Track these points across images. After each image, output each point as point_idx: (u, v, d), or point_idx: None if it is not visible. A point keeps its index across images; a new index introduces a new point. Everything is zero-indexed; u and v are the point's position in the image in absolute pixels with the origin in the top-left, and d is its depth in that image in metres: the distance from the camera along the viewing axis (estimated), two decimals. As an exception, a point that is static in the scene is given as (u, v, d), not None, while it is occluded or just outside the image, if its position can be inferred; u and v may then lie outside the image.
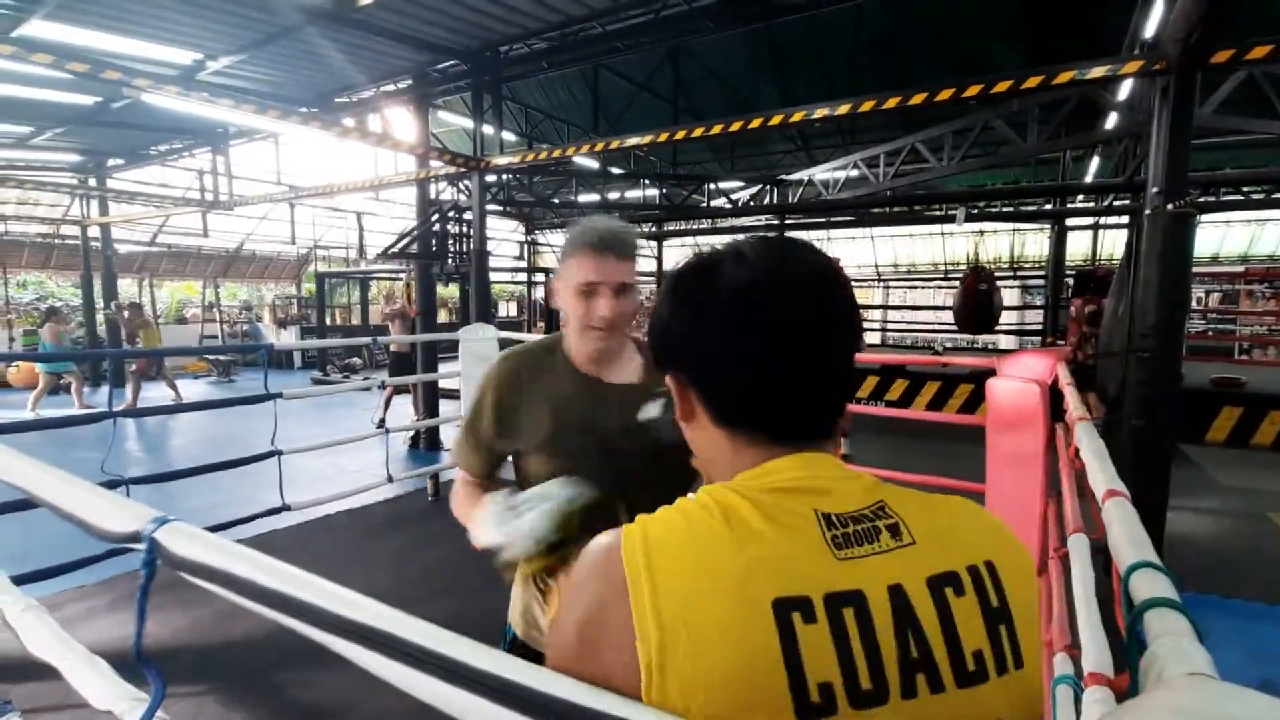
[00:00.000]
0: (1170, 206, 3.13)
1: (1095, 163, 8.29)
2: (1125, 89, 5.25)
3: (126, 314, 10.18)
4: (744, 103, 10.40)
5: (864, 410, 6.27)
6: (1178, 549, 4.11)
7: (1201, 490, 5.45)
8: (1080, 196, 7.97)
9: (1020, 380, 3.08)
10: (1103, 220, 9.31)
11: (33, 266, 13.76)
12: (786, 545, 0.52)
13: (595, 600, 0.54)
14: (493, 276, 16.12)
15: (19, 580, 2.60)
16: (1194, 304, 13.44)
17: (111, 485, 3.25)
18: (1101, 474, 1.14)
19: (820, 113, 4.20)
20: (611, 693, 0.49)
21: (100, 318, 11.72)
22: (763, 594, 0.49)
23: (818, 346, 0.59)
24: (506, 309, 22.00)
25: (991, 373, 3.28)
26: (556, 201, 10.33)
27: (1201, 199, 6.91)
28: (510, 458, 1.32)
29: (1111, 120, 5.69)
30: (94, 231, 11.79)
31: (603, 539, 0.57)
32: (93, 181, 10.76)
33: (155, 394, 10.04)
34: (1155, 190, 3.18)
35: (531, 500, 1.08)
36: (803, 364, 0.58)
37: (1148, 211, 3.25)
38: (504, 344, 4.85)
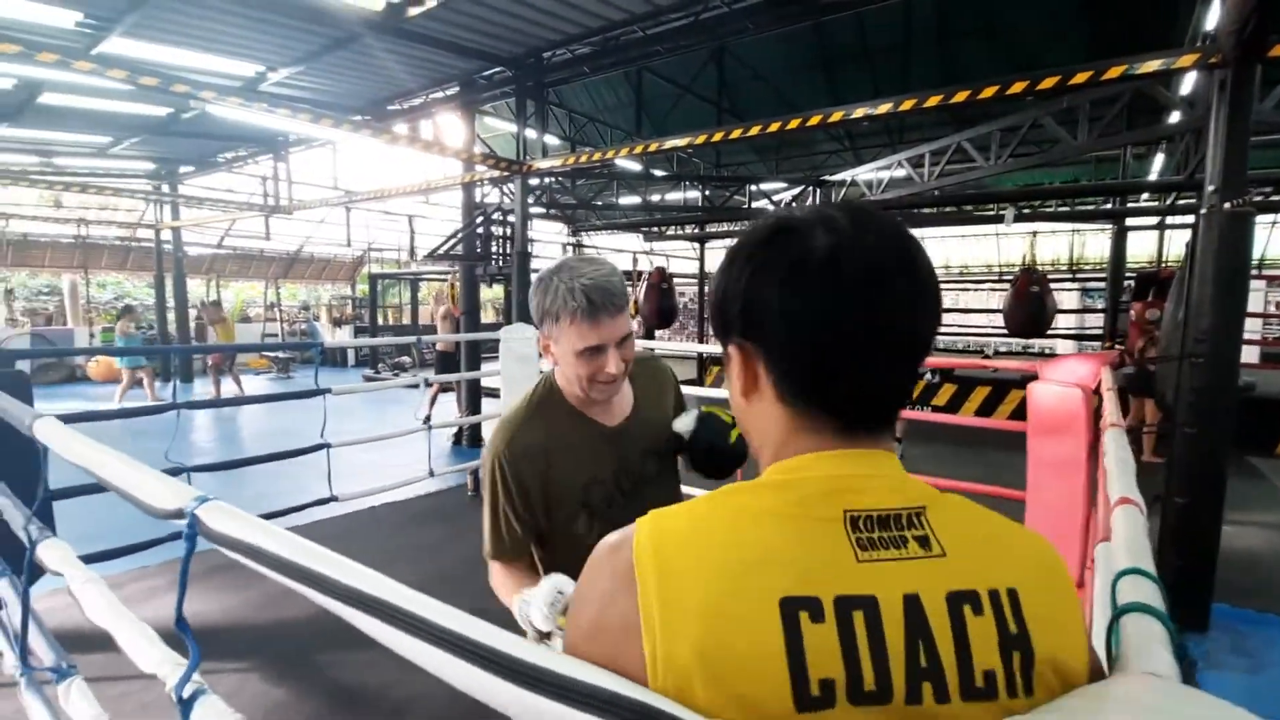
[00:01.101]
0: (1227, 205, 2.99)
1: (1159, 160, 7.89)
2: (1188, 83, 5.00)
3: (206, 311, 10.93)
4: (789, 103, 10.31)
5: (908, 415, 6.15)
6: (1238, 565, 3.89)
7: (1268, 505, 5.15)
8: (1143, 195, 7.61)
9: (1062, 385, 2.99)
10: (1169, 220, 8.86)
11: (111, 268, 14.69)
12: (805, 545, 0.52)
13: (604, 592, 0.55)
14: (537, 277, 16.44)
15: (89, 559, 2.82)
16: (1271, 309, 12.63)
17: (174, 473, 3.48)
18: (1118, 481, 1.12)
19: (860, 112, 4.15)
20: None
21: (172, 316, 12.44)
22: (770, 590, 0.50)
23: (906, 325, 0.57)
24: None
25: (1034, 377, 3.20)
26: (599, 204, 10.44)
27: (1275, 197, 6.51)
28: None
29: (1174, 117, 5.42)
30: (166, 235, 12.51)
31: (614, 535, 0.57)
32: (165, 188, 11.44)
33: (222, 389, 10.61)
34: (1212, 189, 3.03)
35: (532, 602, 1.05)
36: (889, 342, 0.56)
37: (1203, 210, 3.10)
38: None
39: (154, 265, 12.84)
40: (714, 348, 6.66)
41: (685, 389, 1.54)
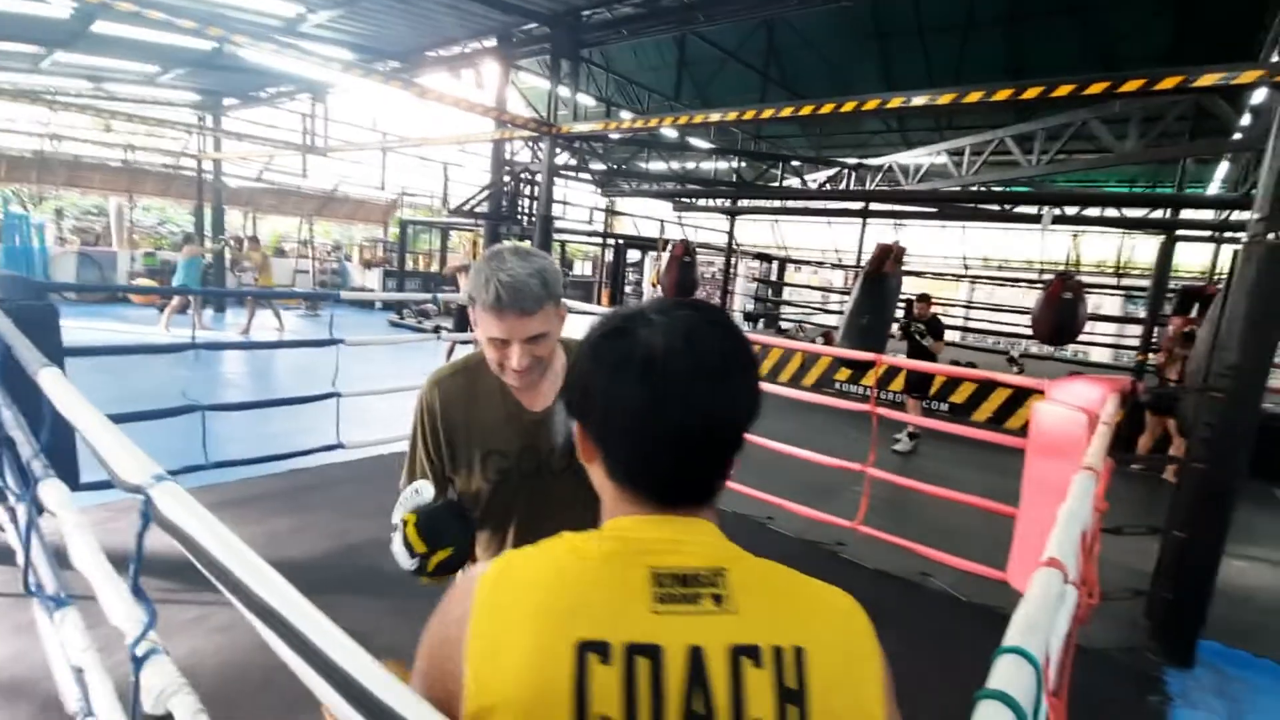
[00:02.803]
0: (1271, 237, 2.84)
1: (1223, 168, 7.45)
2: (1260, 94, 4.68)
3: (245, 245, 11.12)
4: (838, 76, 9.95)
5: (915, 420, 6.07)
6: (1241, 603, 3.81)
7: (1288, 542, 4.98)
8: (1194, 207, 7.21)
9: (1068, 407, 2.92)
10: (1225, 234, 8.43)
11: (155, 193, 15.01)
12: (608, 596, 0.58)
13: (454, 616, 0.61)
14: (570, 237, 16.37)
15: (100, 485, 2.95)
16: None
17: (189, 410, 3.62)
18: (1055, 538, 1.11)
19: (896, 101, 4.00)
20: (437, 702, 0.56)
21: (208, 245, 12.69)
22: (572, 634, 0.56)
23: (711, 425, 0.62)
24: (583, 268, 22.30)
25: (1041, 393, 3.13)
26: (631, 170, 10.28)
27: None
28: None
29: (1245, 124, 5.11)
30: (208, 165, 12.72)
31: (476, 568, 0.64)
32: (209, 119, 11.57)
33: (258, 320, 10.86)
34: (1256, 217, 2.88)
35: (396, 516, 1.20)
36: (694, 439, 0.62)
37: (1245, 239, 2.96)
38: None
39: (195, 194, 13.09)
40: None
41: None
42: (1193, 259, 13.78)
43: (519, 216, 6.86)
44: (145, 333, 9.44)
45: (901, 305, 6.63)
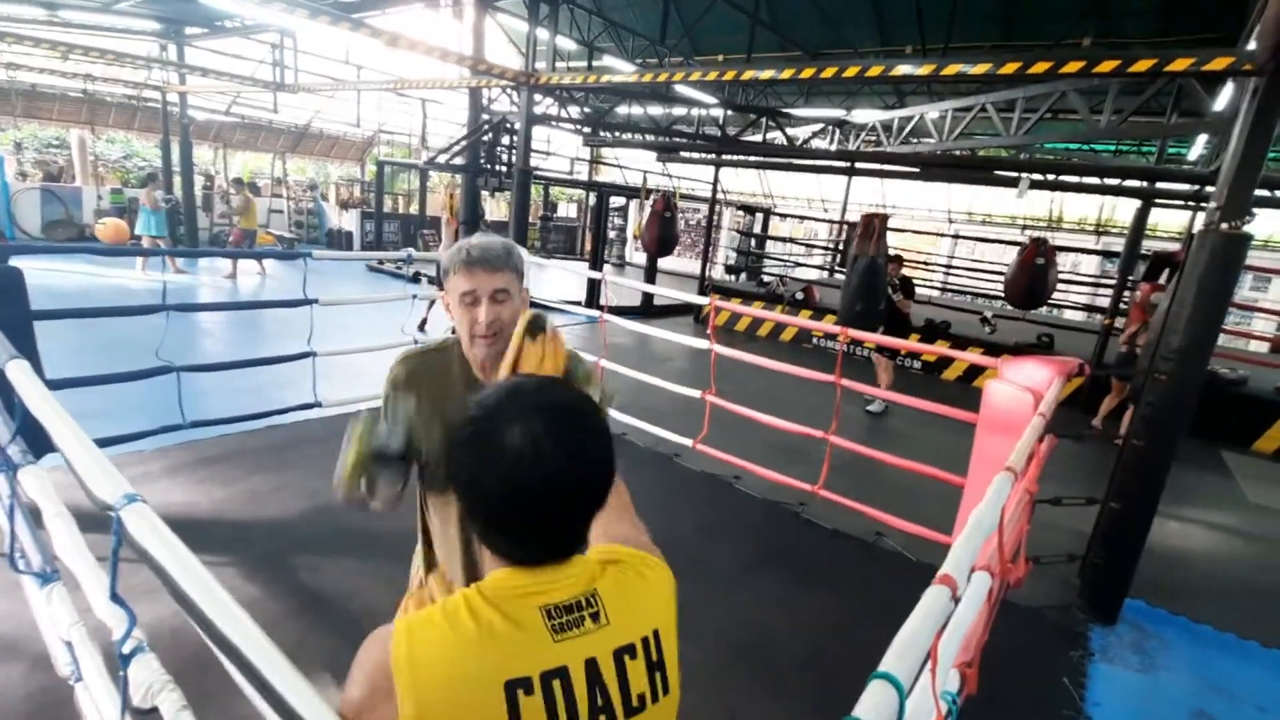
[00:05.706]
0: (1225, 226, 2.91)
1: (1202, 137, 7.44)
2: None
3: (232, 190, 10.79)
4: (829, 19, 9.67)
5: (874, 392, 6.23)
6: (1170, 563, 4.08)
7: (1225, 507, 5.25)
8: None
9: (1016, 387, 3.04)
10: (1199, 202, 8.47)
11: (119, 125, 14.37)
12: (517, 638, 0.70)
13: (368, 680, 0.70)
14: (553, 184, 15.98)
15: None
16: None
17: (163, 371, 3.63)
18: (954, 553, 1.19)
19: (874, 71, 3.94)
20: None
21: (178, 182, 12.27)
22: (497, 678, 0.67)
23: (554, 522, 0.73)
24: (567, 210, 21.94)
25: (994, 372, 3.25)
26: (613, 121, 9.99)
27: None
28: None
29: (1221, 102, 5.09)
30: (173, 97, 12.14)
31: (381, 630, 0.73)
32: (172, 49, 10.98)
33: (243, 267, 10.67)
34: (1214, 205, 2.95)
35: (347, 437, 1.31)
36: (538, 533, 0.73)
37: (1199, 227, 3.03)
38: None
39: (160, 127, 12.54)
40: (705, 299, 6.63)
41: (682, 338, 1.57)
42: (1173, 220, 13.86)
43: (497, 169, 6.70)
44: (118, 275, 9.27)
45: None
